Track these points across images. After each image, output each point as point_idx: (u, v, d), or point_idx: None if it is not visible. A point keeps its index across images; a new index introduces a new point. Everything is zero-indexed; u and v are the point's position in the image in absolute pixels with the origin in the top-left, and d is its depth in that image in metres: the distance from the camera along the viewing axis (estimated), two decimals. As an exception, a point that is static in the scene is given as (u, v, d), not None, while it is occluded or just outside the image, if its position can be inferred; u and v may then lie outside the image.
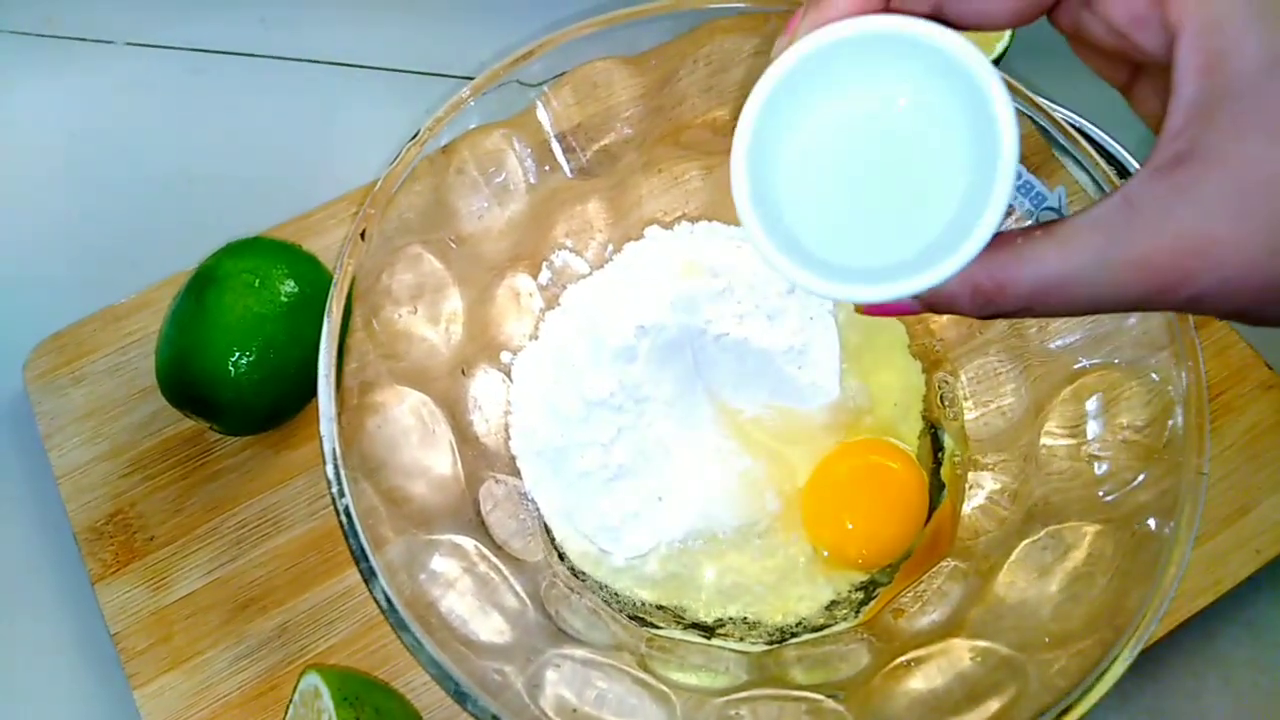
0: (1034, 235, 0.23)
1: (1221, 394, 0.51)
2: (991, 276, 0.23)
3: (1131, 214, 0.22)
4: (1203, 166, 0.21)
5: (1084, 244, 0.22)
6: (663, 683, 0.41)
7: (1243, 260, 0.21)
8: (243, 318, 0.45)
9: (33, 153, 0.64)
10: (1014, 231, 0.24)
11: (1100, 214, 0.23)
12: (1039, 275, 0.23)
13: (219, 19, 0.69)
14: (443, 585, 0.39)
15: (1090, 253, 0.22)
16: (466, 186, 0.46)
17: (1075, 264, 0.22)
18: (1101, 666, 0.34)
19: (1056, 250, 0.23)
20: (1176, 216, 0.21)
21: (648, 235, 0.52)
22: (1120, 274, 0.22)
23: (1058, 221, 0.23)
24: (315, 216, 0.57)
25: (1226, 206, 0.21)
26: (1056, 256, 0.23)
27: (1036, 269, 0.23)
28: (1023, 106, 0.43)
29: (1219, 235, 0.21)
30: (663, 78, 0.48)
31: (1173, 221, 0.21)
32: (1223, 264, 0.21)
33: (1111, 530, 0.39)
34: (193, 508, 0.49)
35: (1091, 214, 0.23)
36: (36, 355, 0.53)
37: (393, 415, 0.42)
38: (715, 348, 0.47)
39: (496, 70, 0.43)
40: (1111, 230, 0.22)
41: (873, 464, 0.47)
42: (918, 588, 0.44)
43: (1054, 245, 0.23)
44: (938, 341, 0.51)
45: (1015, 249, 0.23)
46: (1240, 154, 0.21)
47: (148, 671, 0.46)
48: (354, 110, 0.66)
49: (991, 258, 0.24)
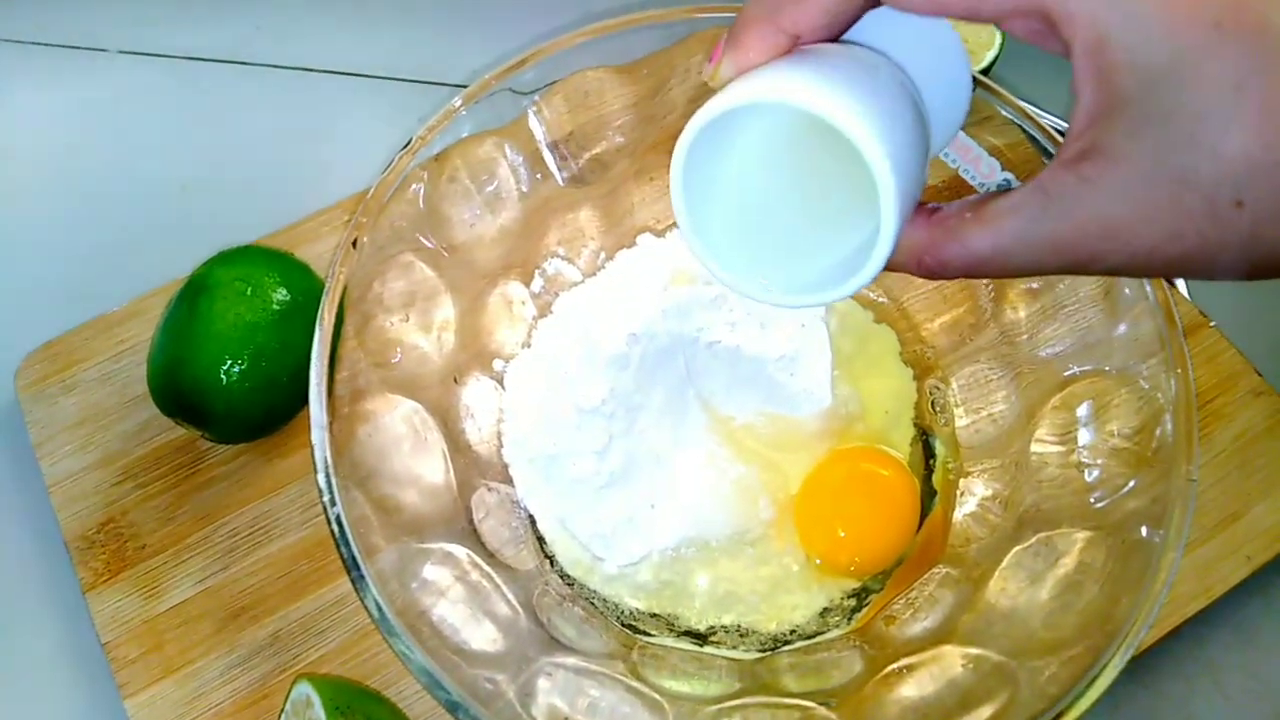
0: (965, 217, 0.27)
1: (1211, 401, 0.51)
2: (931, 255, 0.27)
3: (1046, 201, 0.25)
4: (1104, 162, 0.24)
5: (1006, 227, 0.26)
6: (655, 691, 0.41)
7: (1145, 243, 0.24)
8: (234, 326, 0.45)
9: (24, 161, 0.64)
10: (950, 212, 0.27)
11: (1019, 200, 0.26)
12: (971, 253, 0.27)
13: (212, 27, 0.69)
14: (434, 594, 0.39)
15: (1011, 235, 0.26)
16: (459, 195, 0.46)
17: (1001, 243, 0.26)
18: (1093, 673, 0.34)
19: (982, 232, 0.26)
20: (1084, 205, 0.24)
21: (640, 243, 0.52)
22: (1040, 252, 0.26)
23: (985, 203, 0.26)
24: (307, 224, 0.57)
25: (1126, 197, 0.24)
26: (983, 237, 0.26)
27: (968, 247, 0.27)
28: (1011, 114, 0.43)
29: (1122, 222, 0.24)
30: (654, 86, 0.48)
31: (1080, 209, 0.25)
32: (1129, 245, 0.24)
33: (1102, 537, 0.39)
34: (184, 516, 0.49)
35: (1012, 199, 0.26)
36: (28, 364, 0.53)
37: (384, 423, 0.42)
38: (707, 355, 0.47)
39: (488, 79, 0.44)
40: (1029, 214, 0.25)
41: (865, 471, 0.47)
42: (909, 595, 0.45)
43: (980, 227, 0.26)
44: (929, 349, 0.51)
45: (949, 230, 0.27)
46: (1134, 152, 0.24)
47: (139, 681, 0.45)
48: (346, 118, 0.66)
49: (930, 237, 0.27)
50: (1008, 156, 0.41)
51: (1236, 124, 0.23)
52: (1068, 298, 0.45)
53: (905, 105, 0.28)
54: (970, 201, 0.27)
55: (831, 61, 0.28)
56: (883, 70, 0.29)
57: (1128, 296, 0.41)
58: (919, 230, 0.28)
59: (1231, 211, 0.23)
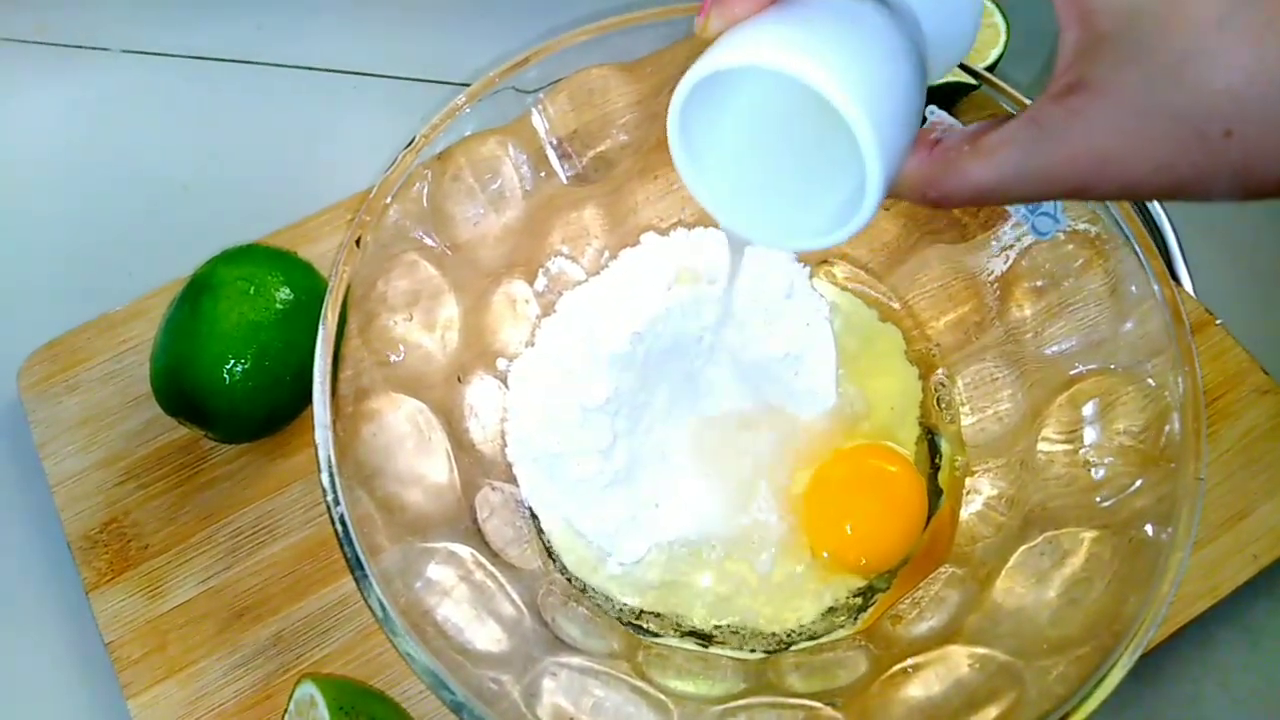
0: (963, 150, 0.27)
1: (1218, 399, 0.51)
2: (934, 189, 0.28)
3: (1038, 133, 0.26)
4: (1090, 95, 0.25)
5: (1003, 159, 0.27)
6: (660, 691, 0.41)
7: (1136, 174, 0.25)
8: (237, 325, 0.45)
9: (27, 160, 0.64)
10: (950, 144, 0.28)
11: (1013, 132, 0.27)
12: (972, 184, 0.27)
13: (214, 26, 0.69)
14: (439, 593, 0.39)
15: (1009, 166, 0.27)
16: (462, 193, 0.46)
17: (998, 175, 0.27)
18: (1100, 672, 0.34)
19: (981, 165, 0.27)
20: (1074, 137, 0.25)
21: (644, 242, 0.52)
22: (1036, 182, 0.27)
23: (981, 135, 0.27)
24: (310, 223, 0.56)
25: (1115, 130, 0.25)
26: (981, 169, 0.27)
27: (968, 180, 0.27)
28: (1016, 111, 0.43)
29: (1113, 154, 0.25)
30: (658, 84, 0.48)
31: (1071, 141, 0.25)
32: (1121, 175, 0.25)
33: (1109, 536, 0.39)
34: (187, 516, 0.49)
35: (1005, 131, 0.27)
36: (31, 363, 0.53)
37: (388, 423, 0.42)
38: (711, 354, 0.47)
39: (492, 77, 0.43)
40: (1023, 147, 0.26)
41: (873, 467, 0.47)
42: (915, 594, 0.44)
43: (978, 160, 0.27)
44: (934, 347, 0.51)
45: (949, 164, 0.28)
46: (1120, 86, 0.24)
47: (142, 681, 0.45)
48: (349, 117, 0.66)
49: (932, 171, 0.28)
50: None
51: (1221, 59, 0.23)
52: (1073, 295, 0.44)
53: (892, 45, 0.29)
54: (968, 133, 0.28)
55: (813, 11, 0.28)
56: (868, 11, 0.29)
57: (1134, 294, 0.41)
58: (921, 164, 0.28)
59: (1222, 142, 0.23)
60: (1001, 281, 0.48)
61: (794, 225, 0.32)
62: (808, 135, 0.31)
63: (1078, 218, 0.43)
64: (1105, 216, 0.41)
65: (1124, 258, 0.41)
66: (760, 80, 0.30)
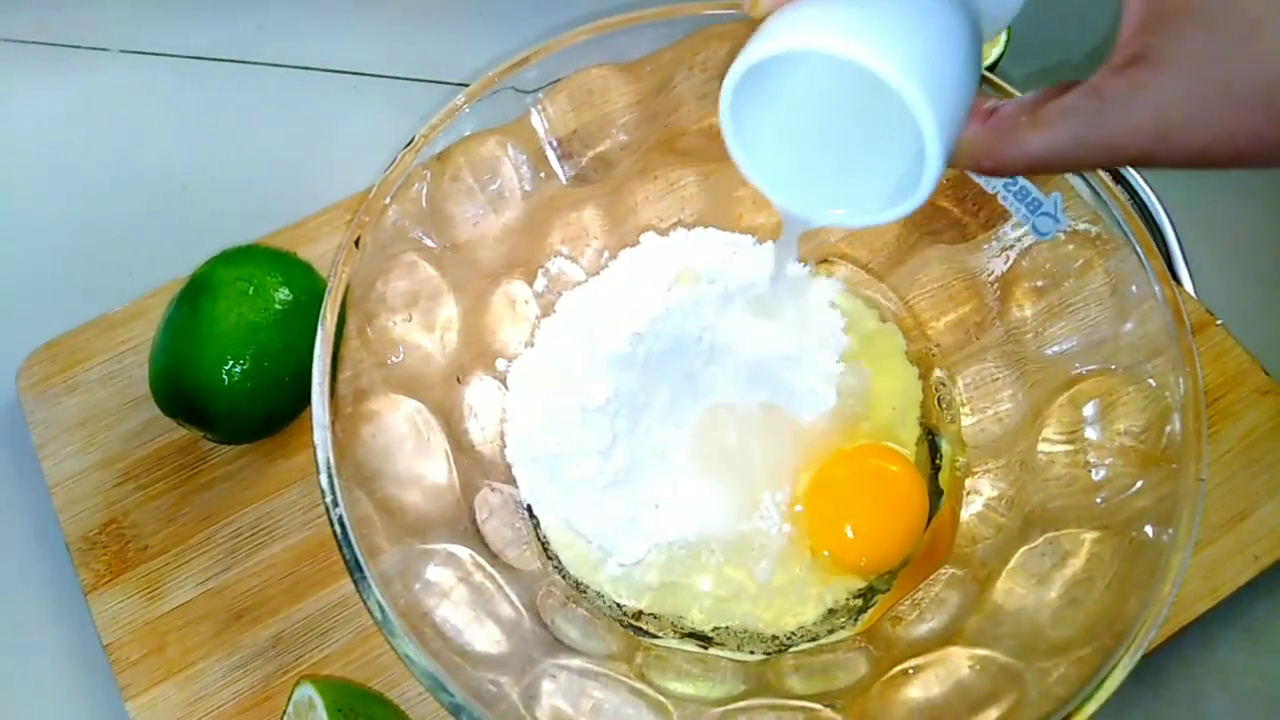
0: (1021, 121, 0.28)
1: (1219, 399, 0.51)
2: (989, 159, 0.29)
3: (1100, 104, 0.26)
4: (1155, 67, 0.25)
5: (1063, 129, 0.27)
6: (660, 693, 0.41)
7: (1198, 144, 0.25)
8: (236, 326, 0.45)
9: (26, 160, 0.64)
10: (1006, 114, 0.28)
11: (1073, 103, 0.27)
12: (1029, 155, 0.28)
13: (213, 26, 0.69)
14: (438, 595, 0.39)
15: (1068, 137, 0.27)
16: (461, 193, 0.46)
17: (1056, 145, 0.27)
18: (1101, 674, 0.34)
19: (1039, 135, 0.27)
20: (1137, 108, 0.25)
21: (644, 242, 0.51)
22: (1095, 153, 0.27)
23: (1040, 105, 0.27)
24: (309, 224, 0.56)
25: (1178, 101, 0.25)
26: (1040, 140, 0.27)
27: (1026, 150, 0.28)
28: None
29: (1174, 125, 0.25)
30: (658, 84, 0.47)
31: (1134, 113, 0.25)
32: (1182, 145, 0.25)
33: (1110, 537, 0.39)
34: (186, 517, 0.49)
35: (1066, 102, 0.27)
36: (29, 364, 0.53)
37: (387, 423, 0.42)
38: (712, 354, 0.47)
39: (491, 77, 0.43)
40: (1085, 118, 0.26)
41: (874, 467, 0.47)
42: (916, 596, 0.44)
43: (1037, 131, 0.27)
44: (935, 347, 0.50)
45: (1005, 134, 0.28)
46: (1185, 57, 0.25)
47: (141, 683, 0.45)
48: (349, 117, 0.66)
49: (988, 141, 0.29)
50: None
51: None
52: (1074, 295, 0.44)
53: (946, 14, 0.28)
54: (1026, 103, 0.28)
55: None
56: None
57: (1135, 294, 0.41)
58: (976, 134, 0.29)
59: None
60: (1002, 281, 0.48)
61: (852, 201, 0.32)
62: (862, 111, 0.31)
63: (1078, 218, 0.42)
64: (1106, 216, 0.41)
65: (1124, 258, 0.41)
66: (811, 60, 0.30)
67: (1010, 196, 0.43)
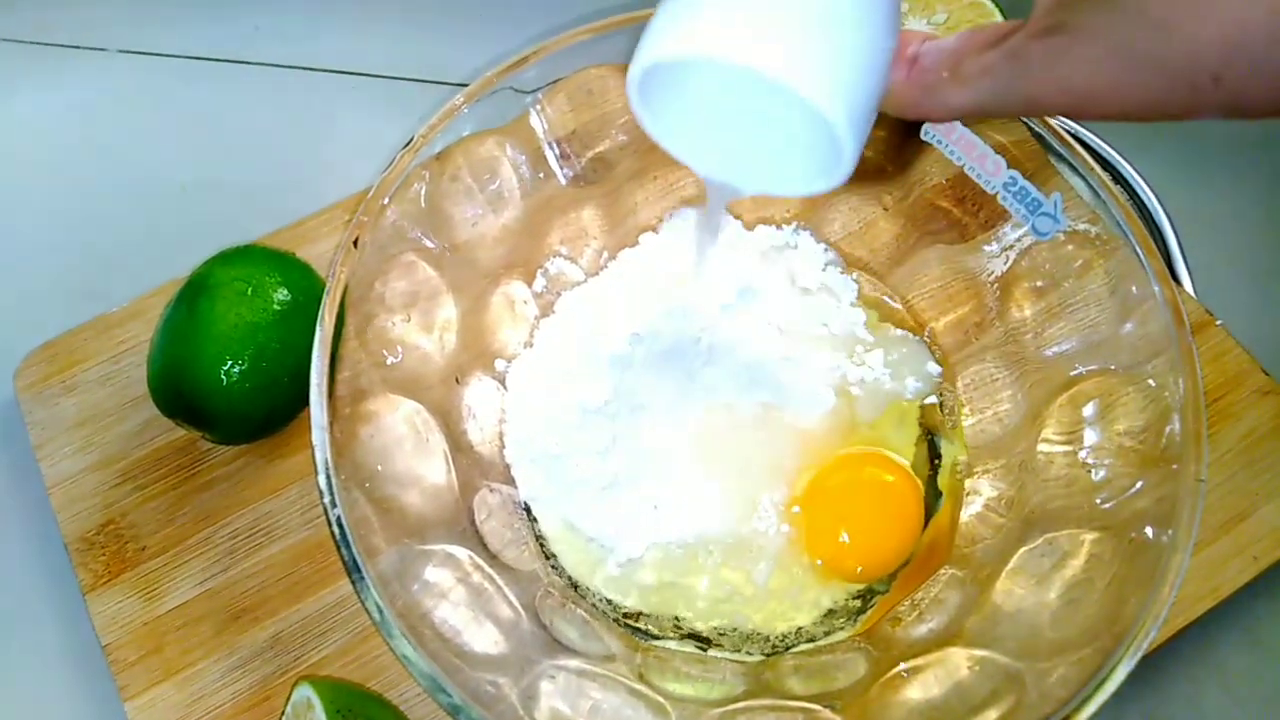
0: (942, 76, 0.29)
1: (1218, 400, 0.51)
2: (914, 110, 0.30)
3: (1019, 67, 0.27)
4: (1071, 38, 0.26)
5: (981, 87, 0.28)
6: (659, 693, 0.40)
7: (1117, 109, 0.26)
8: (235, 326, 0.45)
9: (24, 160, 0.64)
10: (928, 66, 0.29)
11: (992, 62, 0.28)
12: (951, 108, 0.29)
13: (211, 27, 0.68)
14: (436, 596, 0.39)
15: (987, 93, 0.28)
16: (460, 194, 0.46)
17: (977, 100, 0.28)
18: (1100, 675, 0.34)
19: (959, 91, 0.29)
20: (1053, 73, 0.26)
21: (643, 242, 0.51)
22: (1013, 108, 0.28)
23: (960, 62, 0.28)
24: (308, 224, 0.56)
25: (1096, 71, 0.25)
26: (960, 95, 0.29)
27: (948, 105, 0.29)
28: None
29: (1092, 91, 0.26)
30: (657, 84, 0.47)
31: (1049, 77, 0.26)
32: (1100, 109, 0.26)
33: (1109, 537, 0.39)
34: (185, 517, 0.49)
35: (984, 60, 0.28)
36: (27, 364, 0.52)
37: (385, 424, 0.42)
38: (710, 355, 0.47)
39: (490, 77, 0.43)
40: (1002, 78, 0.27)
41: (868, 477, 0.47)
42: (915, 596, 0.44)
43: (958, 88, 0.28)
44: (934, 347, 0.50)
45: (929, 89, 0.29)
46: (1102, 31, 0.25)
47: (139, 683, 0.45)
48: (347, 117, 0.66)
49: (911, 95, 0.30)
50: (1013, 153, 0.41)
51: (1212, 10, 0.23)
52: (1074, 296, 0.44)
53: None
54: (946, 55, 0.29)
55: None
56: None
57: (1134, 294, 0.41)
58: (899, 87, 0.30)
59: (1209, 85, 0.24)
60: (1001, 282, 0.47)
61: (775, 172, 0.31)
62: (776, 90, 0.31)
63: (1078, 218, 0.42)
64: (1105, 217, 0.41)
65: (1124, 258, 0.41)
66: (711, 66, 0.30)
67: (1010, 197, 0.43)
